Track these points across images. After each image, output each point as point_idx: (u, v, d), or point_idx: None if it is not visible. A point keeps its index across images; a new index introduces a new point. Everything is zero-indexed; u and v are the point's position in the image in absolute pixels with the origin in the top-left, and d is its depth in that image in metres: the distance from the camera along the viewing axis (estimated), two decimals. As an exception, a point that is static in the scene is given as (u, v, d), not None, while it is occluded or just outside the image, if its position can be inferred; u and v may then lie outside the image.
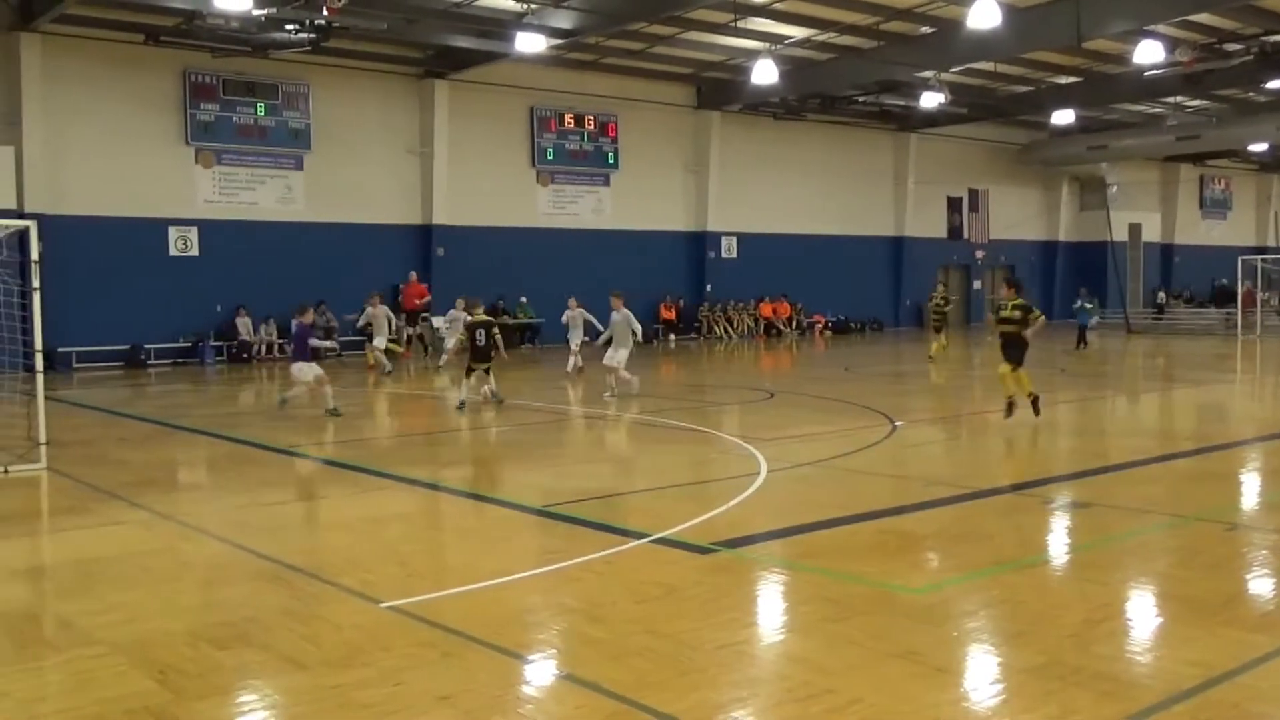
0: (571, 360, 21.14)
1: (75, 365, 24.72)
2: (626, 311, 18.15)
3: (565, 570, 7.19)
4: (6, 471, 11.08)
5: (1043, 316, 14.76)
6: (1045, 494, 9.92)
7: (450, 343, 23.57)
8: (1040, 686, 5.02)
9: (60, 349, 23.70)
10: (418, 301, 27.74)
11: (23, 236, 12.44)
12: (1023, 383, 14.14)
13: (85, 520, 9.18)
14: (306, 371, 15.79)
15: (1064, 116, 36.74)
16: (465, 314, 20.23)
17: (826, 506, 9.26)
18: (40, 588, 7.25)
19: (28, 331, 11.87)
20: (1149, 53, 26.28)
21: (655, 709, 4.80)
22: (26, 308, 11.71)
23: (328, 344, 16.54)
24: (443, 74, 29.54)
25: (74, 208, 24.74)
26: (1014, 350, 14.07)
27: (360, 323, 23.93)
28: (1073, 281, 44.82)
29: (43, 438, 11.47)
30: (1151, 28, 26.14)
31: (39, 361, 11.73)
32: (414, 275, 28.11)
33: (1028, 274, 45.82)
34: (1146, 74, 31.56)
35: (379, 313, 23.38)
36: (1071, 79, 34.58)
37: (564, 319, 21.58)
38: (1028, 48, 28.56)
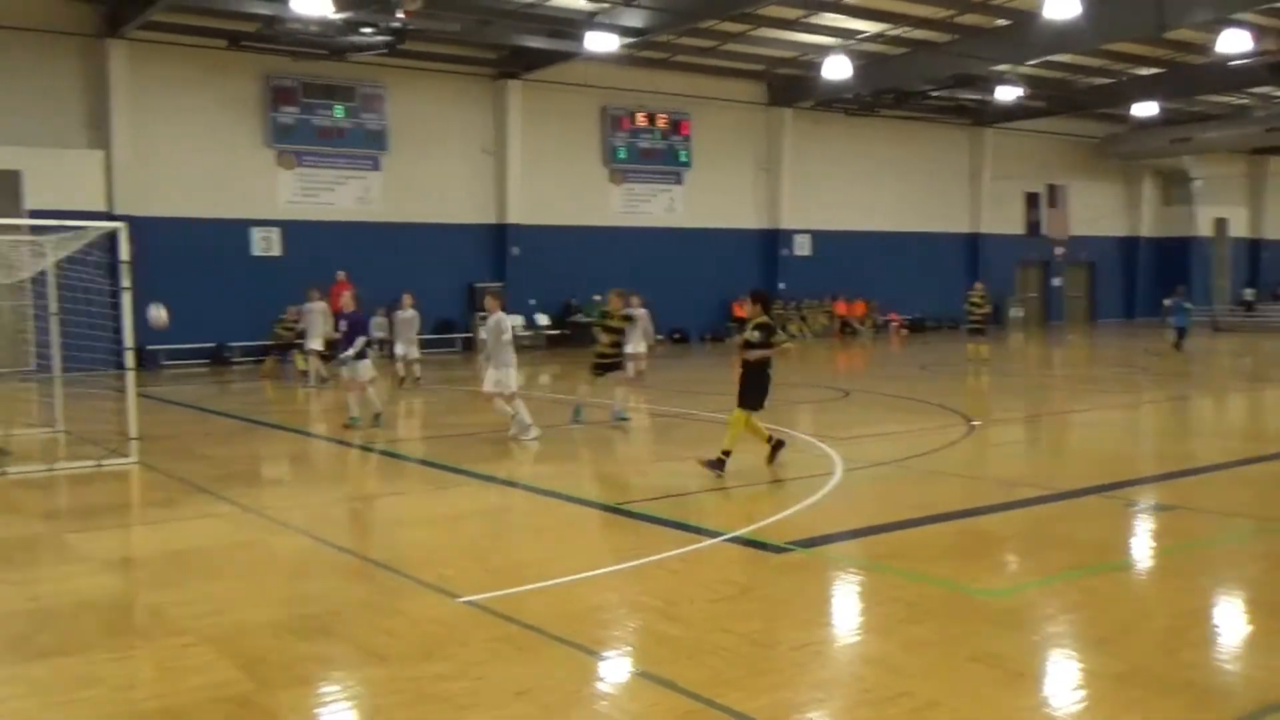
0: (631, 365, 19.75)
1: (163, 363, 25.35)
2: (500, 315, 14.26)
3: (640, 568, 7.20)
4: (100, 465, 11.40)
5: (789, 345, 12.78)
6: (1128, 496, 9.71)
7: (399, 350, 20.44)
8: (1124, 694, 4.92)
9: (149, 347, 24.29)
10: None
11: (113, 238, 12.77)
12: (756, 430, 10.88)
13: (174, 513, 9.41)
14: (366, 370, 14.58)
15: (1146, 109, 35.85)
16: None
17: (903, 507, 9.16)
18: (132, 578, 7.44)
19: (118, 330, 12.20)
20: (1234, 42, 25.56)
21: (730, 708, 4.79)
22: (117, 307, 12.04)
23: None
24: (516, 74, 29.76)
25: (161, 209, 25.36)
26: (753, 388, 10.82)
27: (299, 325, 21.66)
28: (1155, 278, 43.89)
29: (134, 433, 11.78)
30: (1236, 16, 25.39)
31: (129, 359, 12.05)
32: (341, 274, 24.39)
33: (1108, 270, 44.99)
34: (1231, 64, 30.67)
35: (315, 309, 20.83)
36: (1153, 70, 33.76)
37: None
38: (1107, 39, 27.95)
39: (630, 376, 17.89)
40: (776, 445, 10.90)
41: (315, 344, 20.41)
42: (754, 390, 10.79)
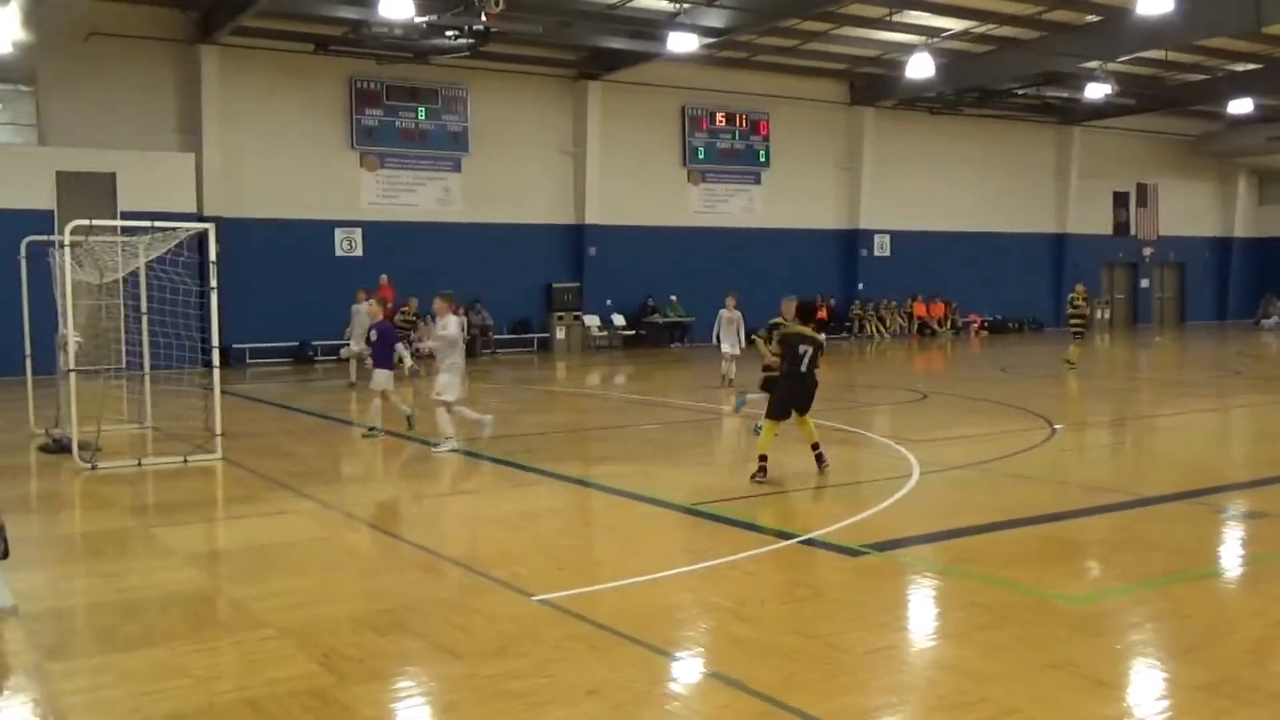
0: (726, 366, 19.33)
1: (248, 361, 25.95)
2: (451, 317, 12.74)
3: (713, 569, 7.19)
4: (186, 461, 11.70)
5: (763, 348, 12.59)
6: (1216, 502, 9.43)
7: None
8: (1211, 705, 4.78)
9: (235, 345, 24.90)
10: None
11: (201, 239, 13.11)
12: (768, 439, 10.44)
13: (257, 508, 9.63)
14: (385, 380, 13.70)
15: (1242, 106, 34.75)
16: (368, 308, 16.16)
17: (981, 511, 9.02)
18: (215, 571, 7.63)
19: (205, 329, 12.52)
20: (1336, 36, 24.70)
21: (802, 710, 4.76)
22: (204, 306, 12.34)
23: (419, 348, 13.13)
24: (596, 75, 29.90)
25: (248, 211, 25.98)
26: (773, 396, 10.83)
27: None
28: (1249, 280, 42.63)
29: (219, 429, 12.07)
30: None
31: (215, 357, 12.35)
32: (384, 278, 23.96)
33: (1201, 272, 43.78)
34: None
35: (360, 310, 19.93)
36: (1249, 66, 32.75)
37: (719, 318, 19.50)
38: (1202, 34, 27.17)
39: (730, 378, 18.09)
40: (819, 457, 10.62)
41: (357, 345, 19.87)
42: (773, 398, 10.78)
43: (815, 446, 10.68)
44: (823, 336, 10.91)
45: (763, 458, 10.24)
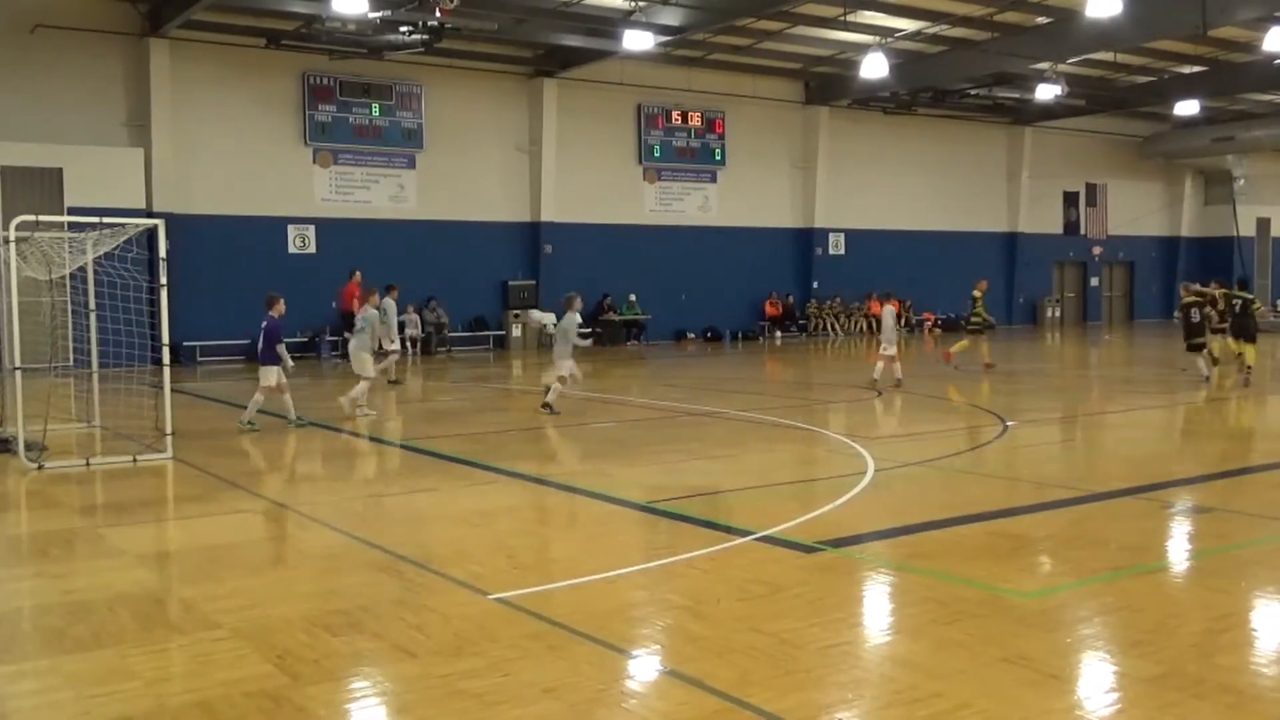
0: (894, 366, 18.49)
1: (199, 359, 25.63)
2: (371, 311, 16.75)
3: (669, 566, 7.20)
4: (135, 461, 11.54)
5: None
6: (1164, 498, 9.60)
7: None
8: (1159, 698, 4.86)
9: (185, 343, 24.59)
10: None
11: (151, 235, 12.93)
12: None
13: (208, 508, 9.51)
14: (270, 375, 14.35)
15: (1188, 107, 35.38)
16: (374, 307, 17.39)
17: (935, 507, 9.11)
18: (165, 572, 7.53)
19: (155, 326, 12.35)
20: (1279, 40, 25.16)
21: (758, 707, 4.78)
22: (154, 303, 12.18)
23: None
24: (551, 72, 29.83)
25: (199, 207, 25.65)
26: None
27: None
28: (1195, 279, 43.29)
29: (169, 428, 11.91)
30: (1282, 14, 25.05)
31: (165, 355, 12.18)
32: (357, 275, 24.56)
33: (1149, 270, 44.47)
34: (1277, 62, 30.24)
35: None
36: (1196, 68, 33.34)
37: (885, 316, 19.14)
38: (1150, 36, 27.65)
39: (881, 378, 18.10)
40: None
41: (390, 343, 20.09)
42: None
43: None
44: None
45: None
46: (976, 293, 23.25)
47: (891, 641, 5.86)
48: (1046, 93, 30.86)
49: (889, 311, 18.89)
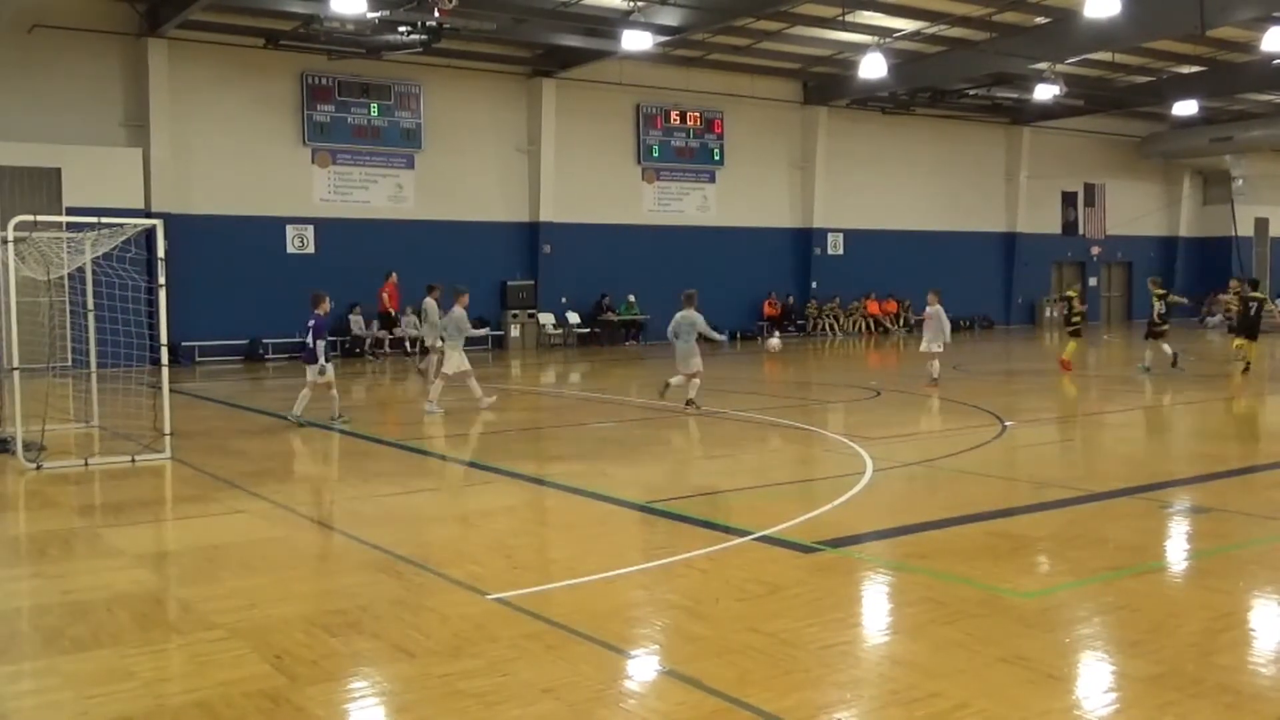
0: (932, 365, 18.90)
1: (198, 359, 25.63)
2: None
3: (668, 566, 7.20)
4: (134, 461, 11.53)
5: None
6: (1162, 498, 9.60)
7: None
8: (1158, 697, 4.86)
9: (184, 343, 24.59)
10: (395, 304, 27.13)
11: (150, 235, 12.91)
12: None
13: (207, 508, 9.51)
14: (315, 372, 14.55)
15: (1186, 107, 35.41)
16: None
17: (934, 507, 9.11)
18: (164, 573, 7.52)
19: (154, 326, 12.35)
20: (1278, 40, 25.17)
21: (757, 707, 4.78)
22: (153, 303, 12.17)
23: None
24: (550, 72, 29.84)
25: (197, 207, 25.65)
26: None
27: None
28: (1194, 278, 43.34)
29: (167, 428, 11.90)
30: (1280, 14, 25.08)
31: (164, 355, 12.18)
32: (393, 276, 26.91)
33: (1147, 270, 44.45)
34: (1276, 62, 30.27)
35: (428, 307, 19.80)
36: (1194, 68, 33.36)
37: (925, 314, 19.38)
38: (1148, 37, 27.66)
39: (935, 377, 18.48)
40: None
41: (430, 338, 19.74)
42: None
43: None
44: None
45: None
46: (1071, 293, 23.25)
47: (890, 641, 5.86)
48: (1045, 93, 30.88)
49: (936, 310, 18.98)
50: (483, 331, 20.35)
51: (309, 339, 14.68)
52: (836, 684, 5.13)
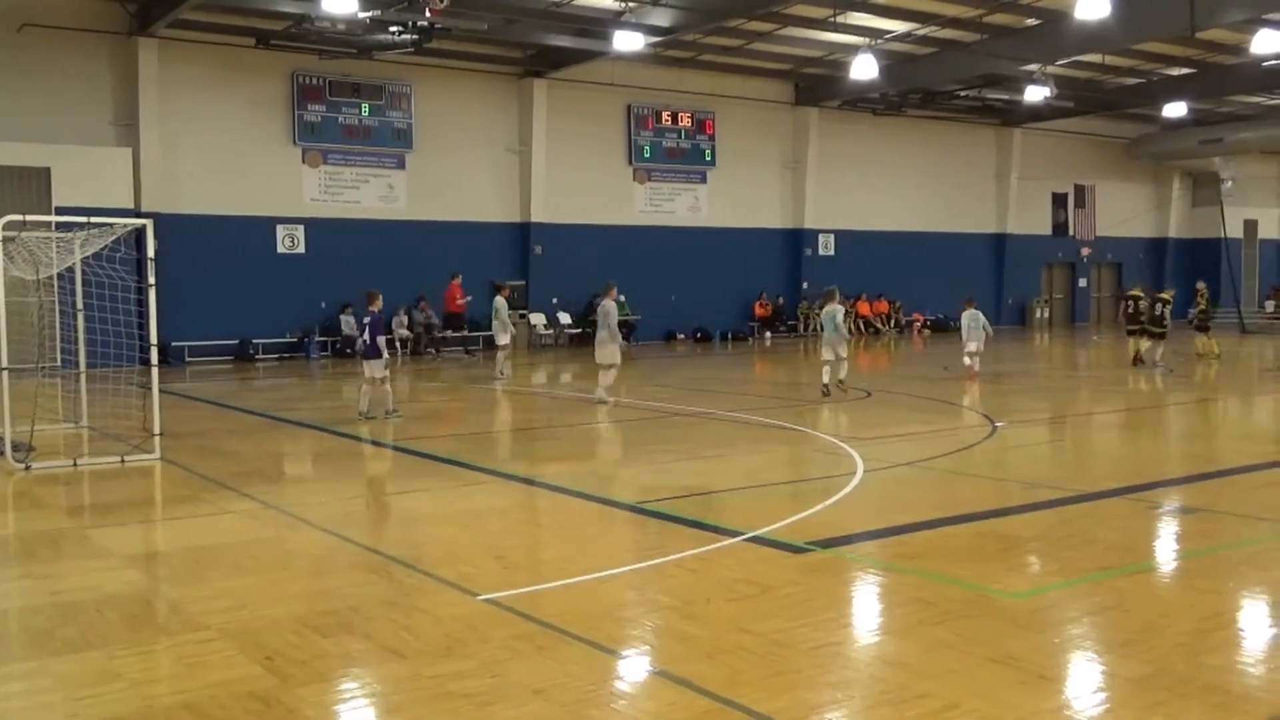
0: (970, 360, 19.99)
1: (187, 359, 25.56)
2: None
3: (659, 567, 7.20)
4: (123, 461, 11.50)
5: None
6: (1152, 498, 9.63)
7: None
8: (1147, 697, 4.88)
9: (174, 343, 24.53)
10: (460, 303, 28.24)
11: (139, 235, 12.88)
12: None
13: (197, 509, 9.48)
14: (376, 368, 14.86)
15: (1176, 109, 35.52)
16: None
17: (924, 507, 9.13)
18: (153, 573, 7.50)
19: (143, 326, 12.31)
20: (1268, 42, 25.26)
21: (748, 708, 4.79)
22: (142, 303, 12.13)
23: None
24: (541, 73, 29.83)
25: (187, 207, 25.58)
26: None
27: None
28: (1184, 280, 43.44)
29: (157, 429, 11.87)
30: (1270, 16, 25.13)
31: (154, 355, 12.14)
32: (459, 276, 28.22)
33: (1137, 272, 44.59)
34: (1265, 64, 30.39)
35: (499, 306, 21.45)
36: (1184, 70, 33.49)
37: (962, 319, 20.51)
38: (1138, 38, 27.76)
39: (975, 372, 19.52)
40: None
41: (502, 338, 21.20)
42: None
43: None
44: None
45: None
46: (1166, 295, 23.42)
47: (881, 642, 5.87)
48: (1035, 94, 30.95)
49: (971, 313, 20.22)
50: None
51: (366, 336, 14.87)
52: (828, 684, 5.14)
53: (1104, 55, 30.53)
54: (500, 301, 21.39)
